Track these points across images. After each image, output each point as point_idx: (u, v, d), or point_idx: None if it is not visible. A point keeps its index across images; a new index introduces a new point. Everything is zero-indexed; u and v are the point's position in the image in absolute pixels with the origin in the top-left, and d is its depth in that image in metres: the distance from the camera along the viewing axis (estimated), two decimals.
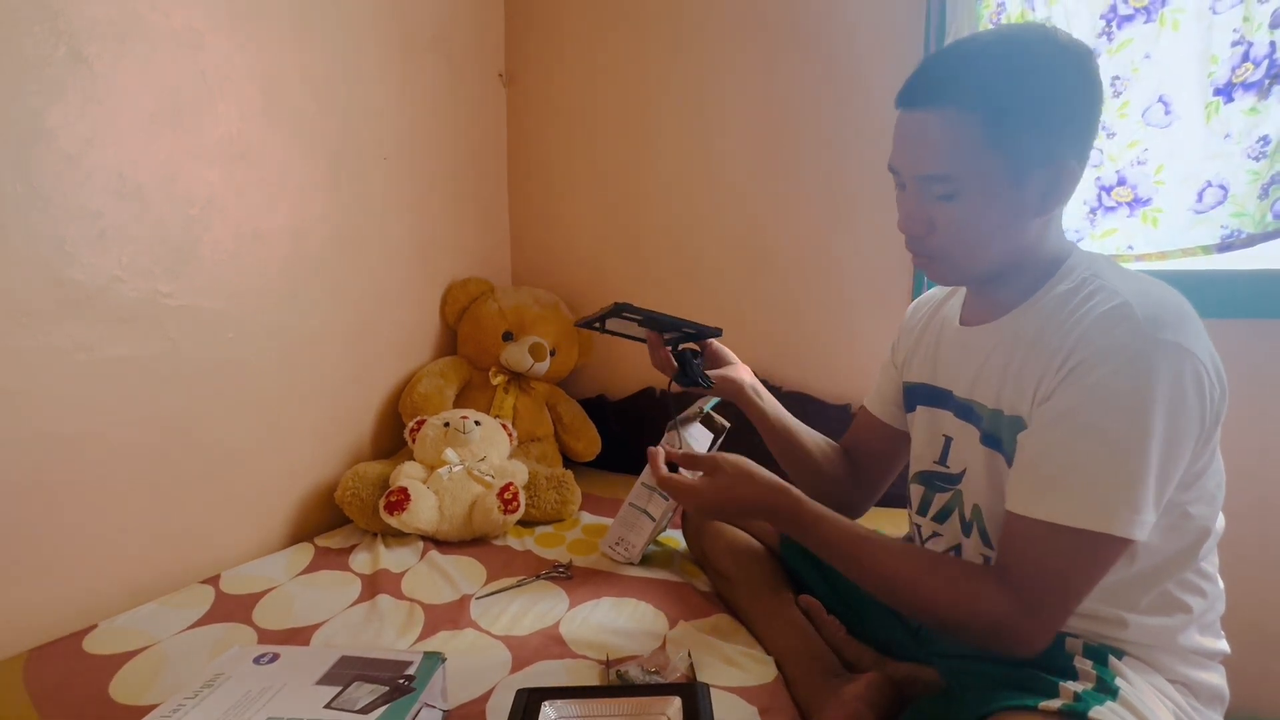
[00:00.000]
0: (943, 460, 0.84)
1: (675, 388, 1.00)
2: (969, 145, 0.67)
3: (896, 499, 1.43)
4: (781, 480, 0.80)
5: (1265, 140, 1.12)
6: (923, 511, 0.88)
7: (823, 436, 1.05)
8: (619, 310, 0.92)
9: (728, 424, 1.25)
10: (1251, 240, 1.15)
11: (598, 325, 0.97)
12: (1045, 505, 0.66)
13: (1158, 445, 0.62)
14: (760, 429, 1.03)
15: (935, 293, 0.95)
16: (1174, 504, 0.67)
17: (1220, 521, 0.74)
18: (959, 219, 0.70)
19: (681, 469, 0.84)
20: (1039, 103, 0.66)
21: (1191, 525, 0.70)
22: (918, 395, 0.89)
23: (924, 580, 0.71)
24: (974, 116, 0.66)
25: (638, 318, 0.94)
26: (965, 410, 0.80)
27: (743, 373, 1.03)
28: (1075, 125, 0.68)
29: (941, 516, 0.84)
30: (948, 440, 0.83)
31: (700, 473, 0.83)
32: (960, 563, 0.76)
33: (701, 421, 1.24)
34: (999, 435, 0.74)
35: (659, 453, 0.86)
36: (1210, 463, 0.70)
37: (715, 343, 1.04)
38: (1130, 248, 1.25)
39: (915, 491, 0.89)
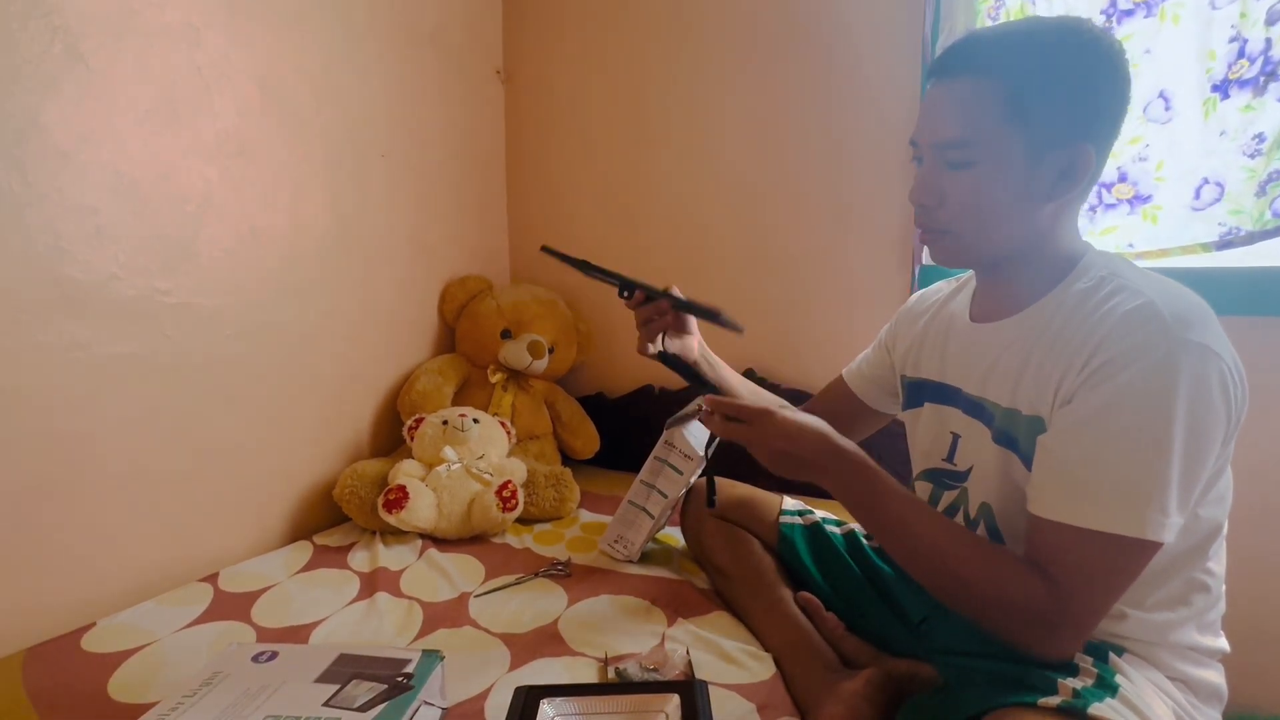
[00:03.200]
0: (950, 458, 0.83)
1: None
2: (987, 113, 0.67)
3: None
4: (827, 437, 0.75)
5: (1261, 137, 1.12)
6: None
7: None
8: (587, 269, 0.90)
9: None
10: (1252, 238, 1.15)
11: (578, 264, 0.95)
12: (1076, 510, 0.64)
13: (1186, 448, 0.62)
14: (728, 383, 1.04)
15: (940, 286, 0.95)
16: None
17: (1227, 521, 0.74)
18: (971, 190, 0.69)
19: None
20: (1060, 81, 0.66)
21: (1201, 525, 0.70)
22: (924, 391, 0.88)
23: (969, 557, 0.69)
24: (994, 85, 0.66)
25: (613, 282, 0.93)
26: (975, 408, 0.79)
27: (696, 341, 1.00)
28: (1096, 112, 0.67)
29: (948, 514, 0.84)
30: (955, 437, 0.82)
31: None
32: (1006, 550, 0.73)
33: (701, 418, 1.24)
34: (1014, 434, 0.73)
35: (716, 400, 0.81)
36: (1225, 464, 0.69)
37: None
38: (1130, 245, 1.25)
39: (921, 489, 0.89)
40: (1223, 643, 0.75)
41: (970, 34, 0.71)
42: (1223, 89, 1.14)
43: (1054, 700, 0.62)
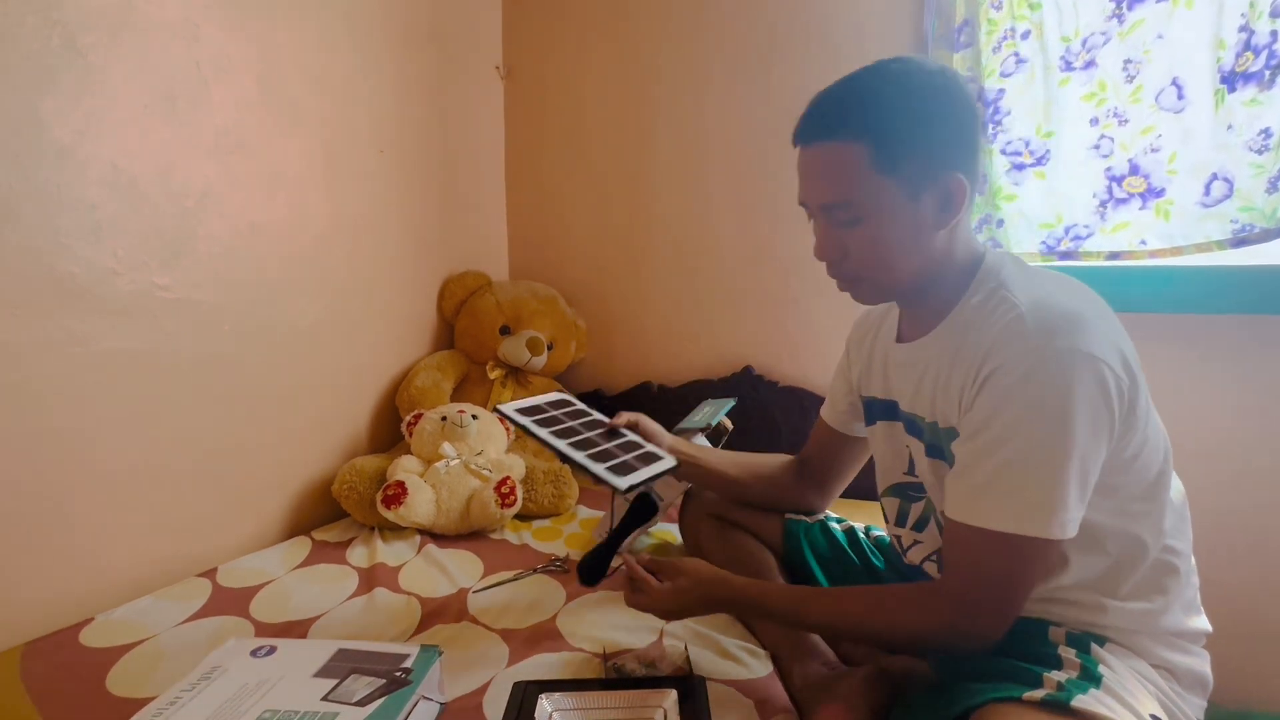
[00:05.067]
0: (911, 471, 0.86)
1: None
2: (861, 172, 0.72)
3: None
4: (722, 575, 0.85)
5: (1267, 133, 1.11)
6: (900, 523, 0.89)
7: (774, 457, 1.10)
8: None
9: (730, 427, 1.25)
10: (1266, 235, 1.13)
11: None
12: (974, 511, 0.69)
13: (1067, 446, 0.65)
14: (704, 479, 1.07)
15: (878, 307, 0.96)
16: (1111, 488, 0.70)
17: (1179, 496, 0.76)
18: (866, 241, 0.75)
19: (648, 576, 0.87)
20: (917, 124, 0.72)
21: (1138, 509, 0.72)
22: (876, 410, 0.91)
23: (867, 615, 0.76)
24: (861, 145, 0.72)
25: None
26: (910, 423, 0.83)
27: (662, 439, 1.03)
28: (955, 143, 0.73)
29: (920, 525, 0.86)
30: (910, 450, 0.85)
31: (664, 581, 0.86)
32: (897, 588, 0.82)
33: (704, 432, 1.24)
34: (940, 445, 0.77)
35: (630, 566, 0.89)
36: (1143, 445, 0.72)
37: (645, 422, 1.04)
38: (1143, 243, 1.23)
39: (889, 505, 0.91)
40: (1203, 622, 0.77)
41: (824, 96, 0.76)
42: (1229, 82, 1.12)
43: (1038, 694, 0.63)
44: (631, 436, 0.99)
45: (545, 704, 0.76)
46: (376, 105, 1.49)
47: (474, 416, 1.44)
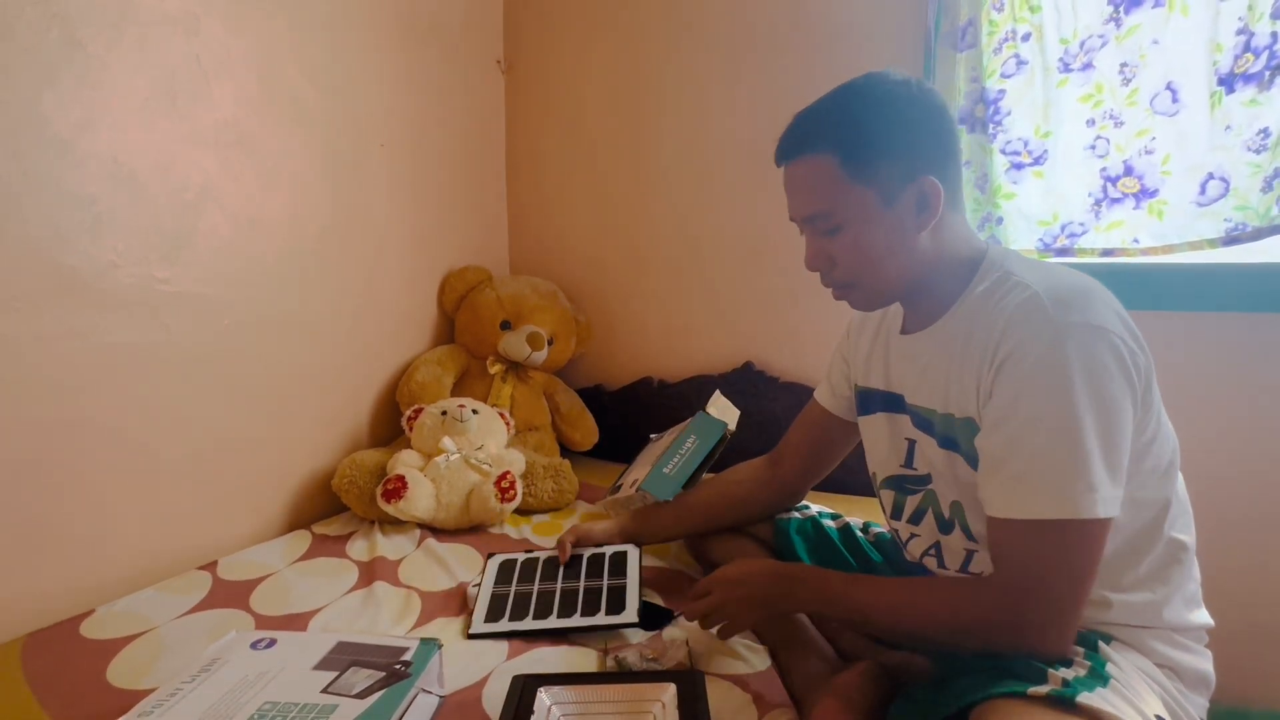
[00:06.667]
0: (909, 463, 0.86)
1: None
2: (833, 182, 0.75)
3: None
4: (770, 560, 0.91)
5: (1265, 133, 1.11)
6: (896, 516, 0.89)
7: (740, 469, 1.12)
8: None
9: (731, 432, 1.25)
10: (1259, 234, 1.14)
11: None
12: (1015, 504, 0.68)
13: (1096, 421, 0.65)
14: (672, 536, 1.14)
15: None
16: (1127, 474, 0.69)
17: (1182, 488, 0.76)
18: (850, 248, 0.77)
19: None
20: (882, 131, 0.74)
21: (1149, 497, 0.72)
22: (875, 402, 0.91)
23: (921, 602, 0.75)
24: (831, 157, 0.75)
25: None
26: (917, 415, 0.83)
27: (611, 535, 1.12)
28: (924, 145, 0.75)
29: (916, 518, 0.86)
30: (911, 443, 0.85)
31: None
32: (944, 579, 0.80)
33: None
34: (954, 437, 0.77)
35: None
36: (1157, 431, 0.72)
37: (580, 527, 1.12)
38: (1135, 241, 1.23)
39: (886, 497, 0.91)
40: (1205, 616, 0.77)
41: (798, 117, 0.80)
42: (1228, 83, 1.12)
43: (1043, 689, 0.62)
44: (588, 552, 1.08)
45: (544, 697, 0.76)
46: (377, 99, 1.49)
47: (474, 411, 1.44)
